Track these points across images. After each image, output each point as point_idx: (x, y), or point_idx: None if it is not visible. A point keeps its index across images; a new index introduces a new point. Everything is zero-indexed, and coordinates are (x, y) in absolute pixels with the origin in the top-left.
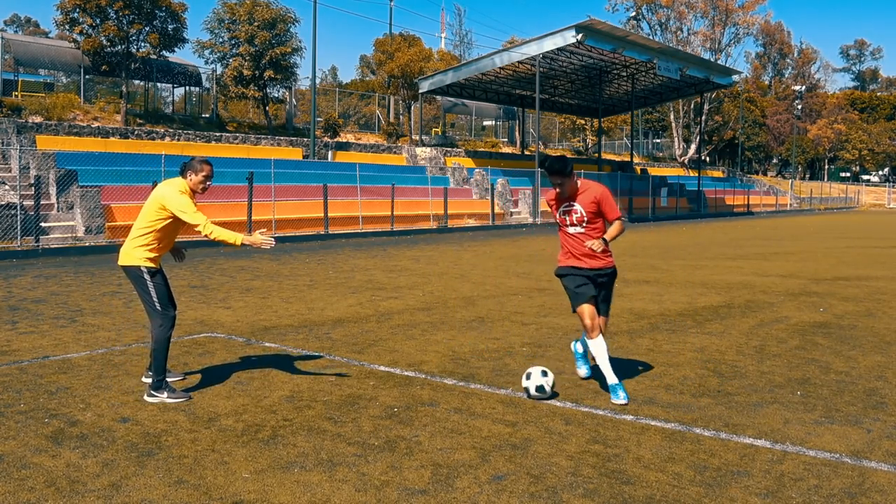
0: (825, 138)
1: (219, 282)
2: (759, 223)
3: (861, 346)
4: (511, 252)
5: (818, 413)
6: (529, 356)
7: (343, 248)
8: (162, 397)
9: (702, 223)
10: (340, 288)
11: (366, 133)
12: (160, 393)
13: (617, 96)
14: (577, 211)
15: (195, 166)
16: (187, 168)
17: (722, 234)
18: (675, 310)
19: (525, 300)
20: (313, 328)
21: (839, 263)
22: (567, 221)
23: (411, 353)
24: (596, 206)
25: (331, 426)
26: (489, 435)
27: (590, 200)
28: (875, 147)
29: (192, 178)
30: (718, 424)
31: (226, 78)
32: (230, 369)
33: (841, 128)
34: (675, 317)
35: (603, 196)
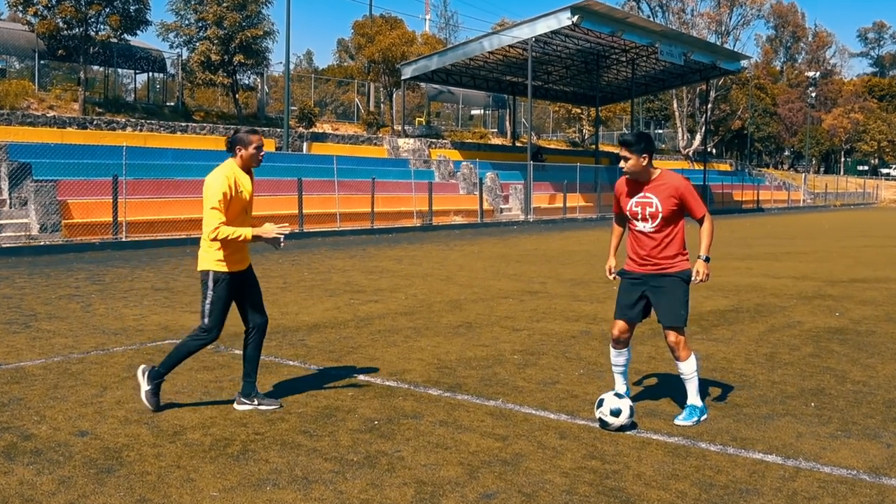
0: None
1: (184, 284)
2: (769, 220)
3: (880, 353)
4: (501, 252)
5: (834, 426)
6: (521, 365)
7: (319, 247)
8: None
9: None
10: (316, 290)
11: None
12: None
13: (616, 83)
14: (652, 204)
15: (243, 139)
16: (235, 144)
17: (729, 232)
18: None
19: (516, 304)
20: (287, 334)
21: (856, 264)
22: (638, 215)
23: (393, 360)
24: (677, 202)
25: (306, 440)
26: (477, 450)
27: (669, 194)
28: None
29: (244, 153)
30: (726, 438)
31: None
32: (197, 379)
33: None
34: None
35: (686, 189)
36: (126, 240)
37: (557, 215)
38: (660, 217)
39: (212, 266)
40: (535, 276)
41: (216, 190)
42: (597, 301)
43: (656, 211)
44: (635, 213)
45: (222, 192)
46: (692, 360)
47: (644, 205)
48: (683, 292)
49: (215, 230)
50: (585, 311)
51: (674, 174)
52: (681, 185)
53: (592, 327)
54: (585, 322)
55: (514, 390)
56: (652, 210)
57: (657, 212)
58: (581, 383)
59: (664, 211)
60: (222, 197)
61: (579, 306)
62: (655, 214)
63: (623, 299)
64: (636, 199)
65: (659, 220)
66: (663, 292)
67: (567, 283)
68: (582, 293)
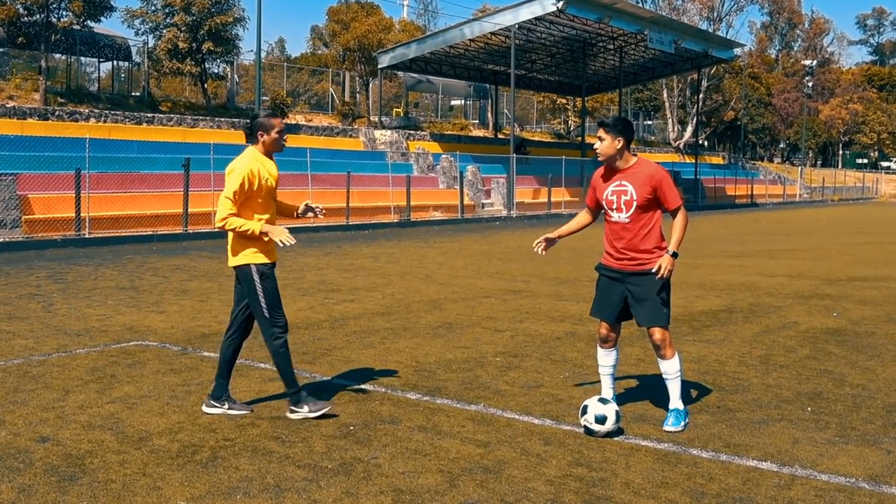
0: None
1: (150, 283)
2: (764, 216)
3: (880, 355)
4: (482, 249)
5: (831, 432)
6: (503, 367)
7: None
8: (304, 411)
9: (699, 216)
10: (289, 290)
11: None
12: (300, 407)
13: (603, 72)
14: (627, 192)
15: (265, 124)
16: (256, 129)
17: (722, 228)
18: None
19: (498, 303)
20: (257, 335)
21: (855, 262)
22: (613, 204)
23: (369, 363)
24: (652, 190)
25: (278, 447)
26: (458, 456)
27: (644, 181)
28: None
29: (266, 138)
30: (718, 445)
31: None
32: (164, 382)
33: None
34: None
35: (663, 178)
36: (89, 236)
37: (542, 210)
38: (634, 206)
39: (251, 259)
40: (518, 274)
41: (234, 180)
42: (583, 301)
43: (631, 199)
44: (611, 202)
45: (239, 183)
46: (676, 359)
47: (619, 193)
48: (664, 290)
49: (225, 220)
50: (571, 311)
51: (650, 162)
52: (657, 172)
53: (578, 328)
54: (571, 323)
55: (497, 394)
56: (627, 198)
57: (632, 200)
58: (566, 386)
59: (639, 199)
60: (239, 188)
61: (564, 306)
62: (630, 203)
63: (601, 298)
64: (612, 187)
65: (633, 208)
66: (642, 292)
67: (552, 281)
68: (567, 292)
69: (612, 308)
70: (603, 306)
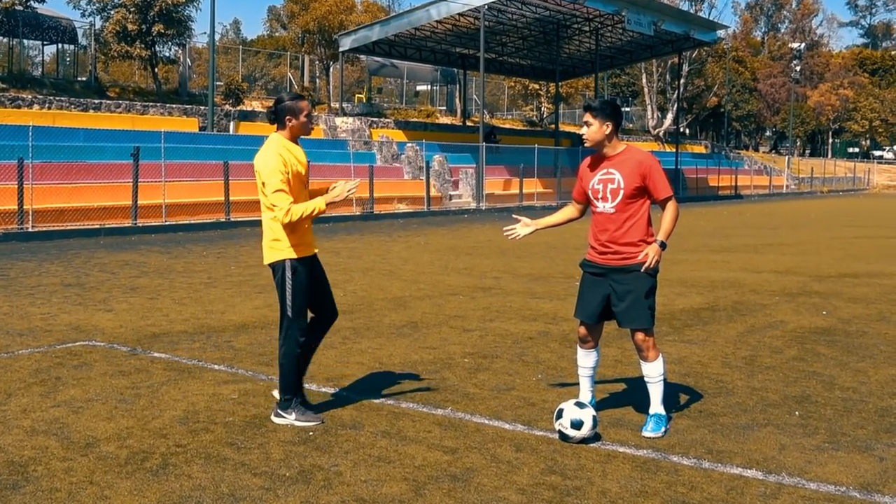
0: (829, 106)
1: (98, 279)
2: (749, 208)
3: (872, 356)
4: (450, 243)
5: (820, 437)
6: (472, 369)
7: (248, 238)
8: (290, 419)
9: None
10: (245, 287)
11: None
12: (288, 413)
13: (578, 56)
14: (614, 180)
15: (293, 108)
16: (284, 114)
17: (704, 221)
18: None
19: (467, 301)
20: (212, 335)
21: (846, 257)
22: (599, 193)
23: (330, 364)
24: (641, 179)
25: (233, 453)
26: (424, 464)
27: (633, 169)
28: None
29: (294, 123)
30: (700, 451)
31: (106, 34)
32: (112, 385)
33: (848, 93)
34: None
35: (653, 166)
36: (33, 230)
37: (513, 202)
38: (621, 195)
39: (285, 255)
40: (488, 270)
41: (273, 169)
42: (557, 298)
43: (618, 188)
44: (596, 191)
45: (279, 171)
46: (660, 361)
47: (606, 181)
48: (649, 289)
49: (287, 213)
50: (544, 309)
51: (640, 150)
52: (647, 160)
53: (551, 327)
54: (544, 322)
55: (465, 397)
56: (614, 187)
57: (619, 188)
58: (539, 390)
59: (627, 188)
60: (283, 175)
61: (537, 304)
62: (617, 191)
63: (584, 296)
64: (598, 175)
65: (620, 197)
66: (626, 290)
67: (524, 278)
68: (540, 290)
69: (593, 307)
70: (585, 306)
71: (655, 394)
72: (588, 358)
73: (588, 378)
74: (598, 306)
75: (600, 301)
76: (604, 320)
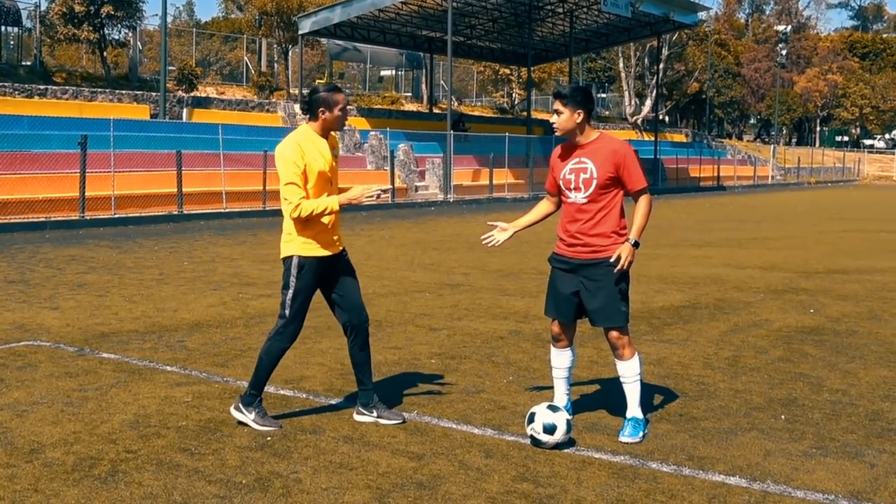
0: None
1: (43, 276)
2: (732, 200)
3: (862, 356)
4: (416, 237)
5: (807, 443)
6: (440, 370)
7: (202, 232)
8: (248, 417)
9: (659, 200)
10: (199, 283)
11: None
12: (248, 412)
13: (551, 39)
14: (587, 170)
15: (328, 100)
16: (317, 105)
17: (685, 214)
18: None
19: (434, 299)
20: (164, 335)
21: (834, 252)
22: (571, 184)
23: (289, 365)
24: (615, 168)
25: (186, 459)
26: (388, 471)
27: (607, 158)
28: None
29: (327, 115)
30: (680, 457)
31: (52, 16)
32: (58, 387)
33: (837, 79)
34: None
35: (627, 155)
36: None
37: (482, 194)
38: (594, 185)
39: (296, 250)
40: (455, 266)
41: (287, 161)
42: (528, 296)
43: (591, 177)
44: (568, 181)
45: (294, 163)
46: (636, 360)
47: (578, 171)
48: (622, 284)
49: (297, 207)
50: (515, 307)
51: (614, 138)
52: (621, 148)
53: (523, 326)
54: (515, 320)
55: (432, 401)
56: (586, 176)
57: (591, 178)
58: (510, 392)
59: (600, 178)
60: (295, 168)
61: (508, 302)
62: (589, 181)
63: (554, 293)
64: (570, 165)
65: (593, 188)
66: (597, 287)
67: (494, 274)
68: (511, 286)
69: (565, 305)
70: (557, 304)
71: (632, 395)
72: (562, 358)
73: (563, 380)
74: (570, 304)
75: (572, 298)
76: (578, 318)
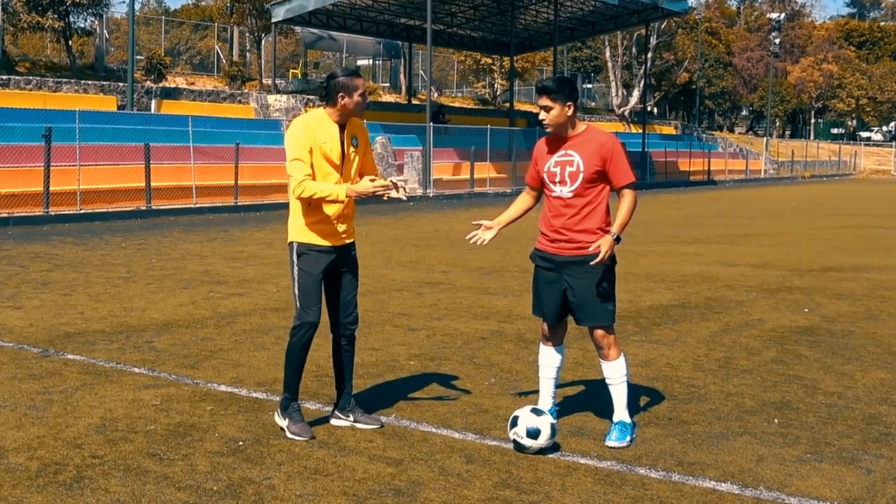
0: (811, 83)
1: (5, 273)
2: (723, 195)
3: (859, 358)
4: (394, 234)
5: (802, 448)
6: (419, 372)
7: (171, 228)
8: (283, 423)
9: (647, 195)
10: (168, 281)
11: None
12: (282, 418)
13: (535, 27)
14: (573, 163)
15: (347, 85)
16: (336, 90)
17: (674, 209)
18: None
19: (413, 298)
20: (132, 335)
21: (830, 249)
22: (556, 177)
23: (262, 367)
24: (602, 161)
25: (155, 465)
26: (365, 477)
27: (595, 151)
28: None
29: (347, 101)
30: (670, 463)
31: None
32: (21, 390)
33: (832, 69)
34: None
35: (615, 148)
36: None
37: (463, 189)
38: (580, 178)
39: (294, 236)
40: (435, 263)
41: (292, 138)
42: (511, 294)
43: (577, 171)
44: (553, 174)
45: (300, 142)
46: (622, 361)
47: (564, 164)
48: (609, 281)
49: (300, 184)
50: (497, 306)
51: (601, 130)
52: (609, 141)
53: (505, 326)
54: (497, 320)
55: (411, 404)
56: (572, 170)
57: (578, 172)
58: (492, 395)
59: (587, 172)
60: (300, 145)
61: (490, 301)
62: (576, 175)
63: (540, 293)
64: (556, 158)
65: (579, 181)
66: (582, 285)
67: (475, 272)
68: (493, 285)
69: (552, 306)
70: (543, 303)
71: (619, 398)
72: (552, 357)
73: (550, 381)
74: (556, 304)
75: (558, 298)
76: (565, 316)
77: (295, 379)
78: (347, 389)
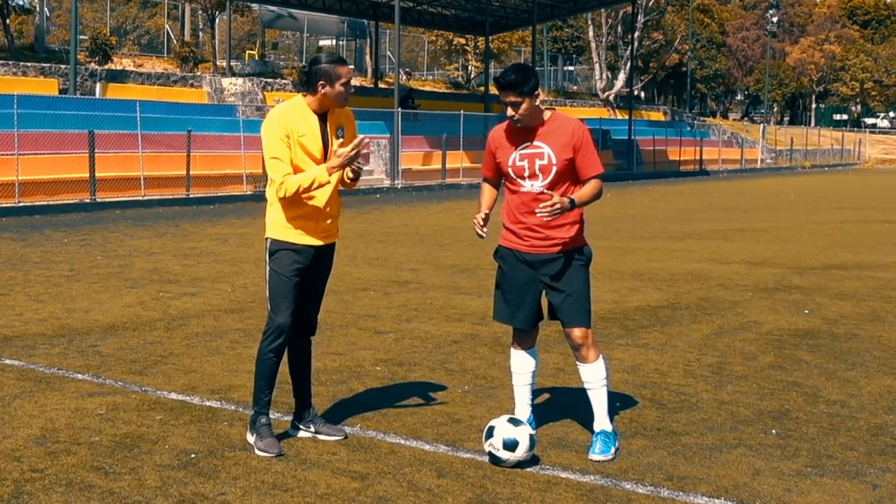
0: (812, 65)
1: None
2: (716, 187)
3: (864, 363)
4: (359, 228)
5: (802, 461)
6: (386, 379)
7: (118, 222)
8: (250, 438)
9: (634, 186)
10: (113, 280)
11: (150, 57)
12: (251, 432)
13: (512, 5)
14: (544, 155)
15: (329, 72)
16: (317, 77)
17: (664, 202)
18: (597, 312)
19: (379, 298)
20: (75, 338)
21: (832, 245)
22: (525, 171)
23: (216, 373)
24: (573, 151)
25: (100, 480)
26: (328, 492)
27: (565, 141)
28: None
29: (328, 90)
30: (658, 477)
31: None
32: None
33: (834, 49)
34: (596, 321)
35: (584, 136)
36: None
37: (434, 180)
38: (553, 171)
39: (272, 232)
40: (404, 260)
41: (268, 133)
42: (486, 294)
43: (549, 163)
44: (520, 168)
45: (276, 137)
46: (601, 363)
47: (532, 157)
48: (585, 279)
49: (281, 186)
50: (471, 307)
51: (568, 117)
52: (579, 129)
53: (480, 329)
54: (471, 322)
55: (377, 413)
56: (543, 163)
57: (550, 164)
58: (466, 404)
59: (559, 164)
60: (278, 142)
61: (463, 301)
62: (548, 168)
63: (510, 298)
64: (520, 150)
65: (552, 174)
66: (562, 284)
67: (447, 270)
68: (466, 284)
69: (527, 311)
70: (512, 307)
71: (599, 405)
72: (525, 362)
73: (525, 387)
74: (532, 307)
75: (534, 300)
76: (539, 321)
77: (264, 390)
78: (307, 398)
